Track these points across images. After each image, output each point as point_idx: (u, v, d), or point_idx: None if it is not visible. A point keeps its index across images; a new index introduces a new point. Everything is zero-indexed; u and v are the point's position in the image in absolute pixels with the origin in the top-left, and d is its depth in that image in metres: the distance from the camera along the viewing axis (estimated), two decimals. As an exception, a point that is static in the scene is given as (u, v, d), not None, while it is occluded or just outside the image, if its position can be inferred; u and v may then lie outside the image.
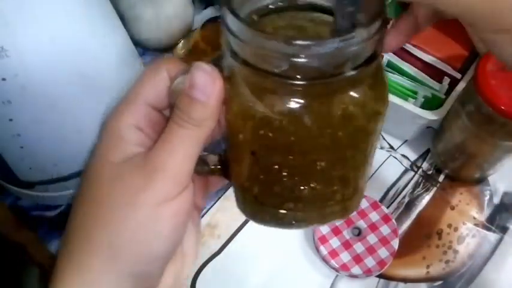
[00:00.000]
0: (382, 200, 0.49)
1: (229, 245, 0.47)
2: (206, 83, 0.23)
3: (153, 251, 0.23)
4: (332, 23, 0.21)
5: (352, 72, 0.21)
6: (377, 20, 0.21)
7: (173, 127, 0.23)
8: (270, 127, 0.22)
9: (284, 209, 0.25)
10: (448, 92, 0.49)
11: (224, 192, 0.49)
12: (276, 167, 0.24)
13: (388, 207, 0.49)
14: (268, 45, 0.20)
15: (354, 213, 0.45)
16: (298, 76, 0.20)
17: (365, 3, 0.21)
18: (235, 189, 0.26)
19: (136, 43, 0.54)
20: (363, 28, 0.20)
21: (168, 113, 0.25)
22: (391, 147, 0.53)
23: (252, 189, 0.25)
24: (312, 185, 0.24)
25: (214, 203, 0.49)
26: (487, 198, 0.50)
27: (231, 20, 0.21)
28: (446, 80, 0.49)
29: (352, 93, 0.22)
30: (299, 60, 0.20)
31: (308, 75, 0.20)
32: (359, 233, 0.45)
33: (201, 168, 0.26)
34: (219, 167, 0.26)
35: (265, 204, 0.26)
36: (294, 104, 0.21)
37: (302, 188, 0.24)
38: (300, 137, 0.22)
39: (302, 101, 0.21)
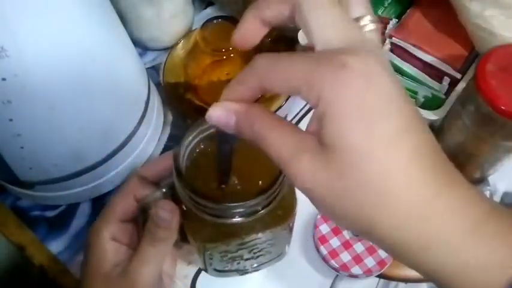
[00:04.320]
0: (382, 200, 0.49)
1: (229, 245, 0.47)
2: (168, 216, 0.33)
3: None
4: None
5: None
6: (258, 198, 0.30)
7: (144, 246, 0.33)
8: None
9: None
10: (448, 92, 0.49)
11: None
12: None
13: (388, 207, 0.48)
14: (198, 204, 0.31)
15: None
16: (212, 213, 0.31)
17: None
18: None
19: (136, 43, 0.54)
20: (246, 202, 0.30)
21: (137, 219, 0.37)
22: (391, 147, 0.53)
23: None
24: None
25: (214, 203, 0.49)
26: (487, 198, 0.49)
27: (177, 179, 0.31)
28: (446, 80, 0.49)
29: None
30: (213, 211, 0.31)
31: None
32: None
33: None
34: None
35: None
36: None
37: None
38: None
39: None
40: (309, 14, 0.22)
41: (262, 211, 0.31)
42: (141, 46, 0.58)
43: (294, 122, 0.54)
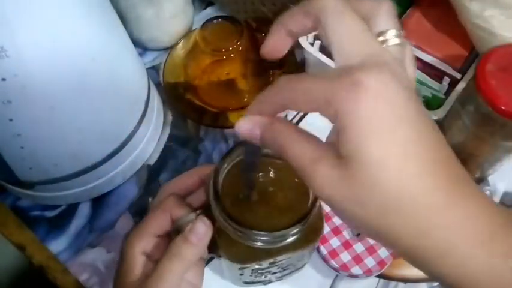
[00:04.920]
0: (382, 200, 0.49)
1: (229, 245, 0.47)
2: (202, 231, 0.33)
3: None
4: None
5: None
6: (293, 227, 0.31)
7: (164, 262, 0.33)
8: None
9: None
10: (448, 92, 0.49)
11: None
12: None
13: (388, 207, 0.48)
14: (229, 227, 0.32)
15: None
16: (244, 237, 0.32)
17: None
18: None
19: (136, 43, 0.54)
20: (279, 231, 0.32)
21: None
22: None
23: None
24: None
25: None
26: (487, 198, 0.49)
27: (215, 204, 0.32)
28: (446, 80, 0.49)
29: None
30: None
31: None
32: (359, 233, 0.45)
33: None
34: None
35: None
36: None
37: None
38: None
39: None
40: (330, 29, 0.24)
41: (294, 237, 0.33)
42: (141, 46, 0.58)
43: (293, 122, 0.54)
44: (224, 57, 0.52)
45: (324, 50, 0.50)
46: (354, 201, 0.22)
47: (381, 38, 0.25)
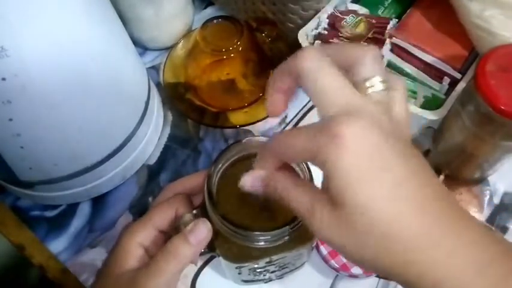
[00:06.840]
0: (382, 200, 0.49)
1: (229, 245, 0.47)
2: (203, 234, 0.34)
3: None
4: None
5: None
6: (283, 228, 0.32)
7: (159, 258, 0.33)
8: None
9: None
10: (448, 92, 0.49)
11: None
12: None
13: (388, 207, 0.48)
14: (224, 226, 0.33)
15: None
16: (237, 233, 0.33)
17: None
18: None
19: (137, 43, 0.54)
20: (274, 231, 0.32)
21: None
22: (391, 147, 0.53)
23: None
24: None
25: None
26: (487, 198, 0.50)
27: (210, 204, 0.33)
28: (446, 80, 0.49)
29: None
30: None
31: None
32: (359, 233, 0.45)
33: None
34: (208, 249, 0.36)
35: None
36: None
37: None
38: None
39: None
40: (309, 87, 0.26)
41: (289, 237, 0.33)
42: (141, 46, 0.58)
43: (293, 121, 0.54)
44: (224, 57, 0.52)
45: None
46: (348, 242, 0.24)
47: (367, 84, 0.26)
